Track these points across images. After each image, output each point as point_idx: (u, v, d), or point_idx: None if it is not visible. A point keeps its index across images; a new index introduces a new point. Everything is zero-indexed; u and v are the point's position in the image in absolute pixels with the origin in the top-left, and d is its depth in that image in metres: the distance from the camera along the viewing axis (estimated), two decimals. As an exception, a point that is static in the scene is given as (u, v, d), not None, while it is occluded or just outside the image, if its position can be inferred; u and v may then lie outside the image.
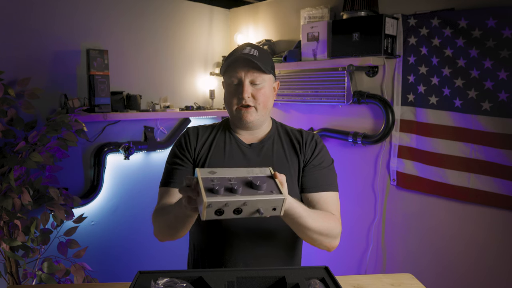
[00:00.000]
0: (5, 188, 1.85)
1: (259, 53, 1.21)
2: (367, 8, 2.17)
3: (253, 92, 1.20)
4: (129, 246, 2.73)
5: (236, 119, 1.23)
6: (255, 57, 1.18)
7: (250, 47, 1.22)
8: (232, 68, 1.20)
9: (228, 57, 1.23)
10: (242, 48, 1.22)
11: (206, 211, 0.81)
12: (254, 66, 1.18)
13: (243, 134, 1.28)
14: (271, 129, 1.30)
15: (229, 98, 1.23)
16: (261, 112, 1.22)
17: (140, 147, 2.69)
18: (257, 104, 1.20)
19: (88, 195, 2.49)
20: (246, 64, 1.18)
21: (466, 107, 1.95)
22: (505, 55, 1.80)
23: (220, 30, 3.18)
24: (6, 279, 2.03)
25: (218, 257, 1.22)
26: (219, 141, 1.27)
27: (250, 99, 1.19)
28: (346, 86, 2.34)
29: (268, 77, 1.22)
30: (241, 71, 1.19)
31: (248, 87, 1.19)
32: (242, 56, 1.18)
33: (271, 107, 1.26)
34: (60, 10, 2.33)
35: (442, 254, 2.13)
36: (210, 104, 3.08)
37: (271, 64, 1.25)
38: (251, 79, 1.19)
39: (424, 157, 2.13)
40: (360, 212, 2.46)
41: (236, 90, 1.21)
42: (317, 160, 1.24)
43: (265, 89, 1.21)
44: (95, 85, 2.34)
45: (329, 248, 1.17)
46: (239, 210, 0.84)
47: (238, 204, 0.83)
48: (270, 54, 1.33)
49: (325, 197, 1.21)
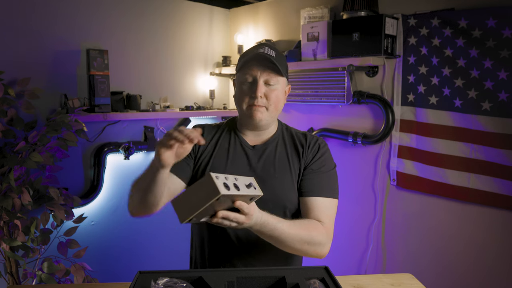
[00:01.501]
0: (5, 188, 1.85)
1: (276, 54, 1.19)
2: (367, 8, 2.17)
3: (266, 92, 1.18)
4: (129, 246, 2.73)
5: (245, 117, 1.22)
6: (273, 58, 1.16)
7: (268, 47, 1.20)
8: (248, 66, 1.18)
9: (244, 55, 1.21)
10: (260, 47, 1.20)
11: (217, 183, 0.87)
12: (270, 66, 1.17)
13: (248, 135, 1.27)
14: (276, 131, 1.29)
15: (241, 96, 1.21)
16: (271, 113, 1.21)
17: (140, 147, 2.69)
18: (268, 104, 1.19)
19: (88, 195, 2.49)
20: (262, 63, 1.17)
21: (466, 107, 1.95)
22: (505, 55, 1.80)
23: (220, 30, 3.18)
24: (6, 279, 2.03)
25: (218, 258, 1.22)
26: (223, 141, 1.26)
27: (262, 99, 1.18)
28: (346, 86, 2.34)
29: (282, 79, 1.21)
30: (257, 69, 1.17)
31: (262, 87, 1.18)
32: (260, 55, 1.17)
33: (281, 110, 1.25)
34: (60, 10, 2.33)
35: (442, 254, 2.13)
36: (210, 104, 3.08)
37: (286, 67, 1.24)
38: (266, 78, 1.18)
39: (424, 157, 2.13)
40: (360, 212, 2.46)
41: (250, 88, 1.19)
42: (316, 164, 1.22)
43: (278, 91, 1.20)
44: (95, 85, 2.34)
45: (318, 256, 1.15)
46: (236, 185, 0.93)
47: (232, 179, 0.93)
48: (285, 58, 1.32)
49: (319, 202, 1.18)
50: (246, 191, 0.94)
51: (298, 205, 1.22)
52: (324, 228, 1.15)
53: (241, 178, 0.97)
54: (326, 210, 1.18)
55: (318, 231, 1.12)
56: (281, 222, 1.05)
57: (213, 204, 0.88)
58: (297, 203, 1.22)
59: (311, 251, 1.12)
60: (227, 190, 0.87)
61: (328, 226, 1.16)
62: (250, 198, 0.96)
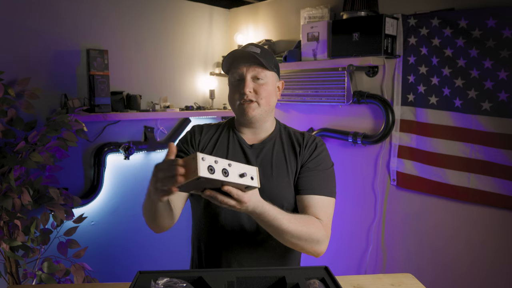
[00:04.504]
0: (5, 188, 1.85)
1: (261, 51, 1.21)
2: (367, 8, 2.17)
3: (255, 88, 1.20)
4: (129, 246, 2.73)
5: (239, 114, 1.24)
6: (257, 54, 1.18)
7: (252, 45, 1.23)
8: (235, 65, 1.21)
9: (229, 56, 1.23)
10: (245, 47, 1.23)
11: (200, 164, 0.86)
12: (256, 62, 1.19)
13: (246, 134, 1.28)
14: (274, 130, 1.30)
15: (232, 95, 1.24)
16: (264, 107, 1.22)
17: (140, 147, 2.69)
18: (259, 99, 1.20)
19: (88, 195, 2.49)
20: (247, 60, 1.19)
21: (466, 107, 1.95)
22: (505, 55, 1.80)
23: (220, 30, 3.18)
24: (6, 279, 2.03)
25: (218, 258, 1.22)
26: (223, 140, 1.28)
27: (252, 94, 1.19)
28: (346, 86, 2.34)
29: (270, 74, 1.22)
30: (243, 67, 1.20)
31: (250, 83, 1.19)
32: (244, 53, 1.19)
33: (274, 104, 1.27)
34: (60, 10, 2.33)
35: (442, 254, 2.13)
36: (210, 104, 3.08)
37: (274, 62, 1.25)
38: (253, 74, 1.19)
39: (424, 157, 2.13)
40: (360, 212, 2.46)
41: (238, 86, 1.21)
42: (313, 163, 1.23)
43: (267, 85, 1.21)
44: (95, 85, 2.34)
45: (314, 253, 1.15)
46: (226, 171, 0.91)
47: (224, 164, 0.91)
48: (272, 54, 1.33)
49: (316, 200, 1.18)
50: (237, 179, 0.92)
51: (295, 204, 1.22)
52: (323, 225, 1.15)
53: (237, 166, 0.94)
54: (324, 208, 1.18)
55: (317, 228, 1.12)
56: (282, 214, 1.05)
57: (197, 182, 0.88)
58: (294, 202, 1.22)
59: (308, 247, 1.12)
60: (209, 174, 0.87)
61: (326, 224, 1.17)
62: (246, 187, 0.95)
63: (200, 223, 1.26)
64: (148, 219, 1.16)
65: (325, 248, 1.16)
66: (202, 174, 0.86)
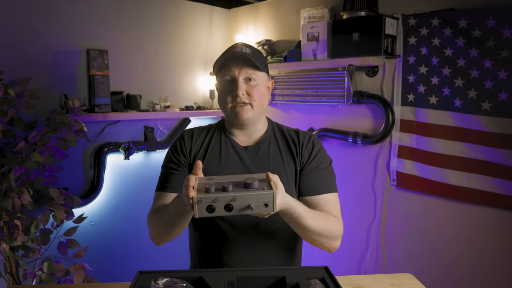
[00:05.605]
0: (5, 188, 1.85)
1: (251, 51, 1.19)
2: (367, 8, 2.17)
3: (247, 89, 1.17)
4: (129, 246, 2.73)
5: (232, 117, 1.21)
6: (248, 55, 1.16)
7: (242, 45, 1.21)
8: (225, 66, 1.18)
9: (220, 56, 1.21)
10: (234, 47, 1.20)
11: (198, 207, 0.84)
12: (248, 63, 1.16)
13: (238, 136, 1.25)
14: (266, 130, 1.28)
15: (223, 97, 1.21)
16: (257, 109, 1.20)
17: (140, 147, 2.69)
18: (252, 101, 1.18)
19: (88, 195, 2.49)
20: (239, 61, 1.17)
21: (466, 107, 1.95)
22: (505, 55, 1.80)
23: (220, 30, 3.18)
24: (6, 279, 2.03)
25: (218, 259, 1.22)
26: (215, 143, 1.25)
27: (245, 96, 1.17)
28: (346, 86, 2.34)
29: (262, 74, 1.21)
30: (235, 68, 1.17)
31: (242, 84, 1.17)
32: (236, 54, 1.17)
33: (266, 105, 1.25)
34: (60, 10, 2.33)
35: (442, 254, 2.13)
36: (210, 104, 3.08)
37: (264, 62, 1.23)
38: (246, 76, 1.17)
39: (424, 157, 2.13)
40: (360, 212, 2.46)
41: (230, 88, 1.18)
42: (314, 162, 1.22)
43: (260, 86, 1.19)
44: (95, 85, 2.34)
45: (330, 249, 1.17)
46: (230, 206, 0.86)
47: (227, 200, 0.85)
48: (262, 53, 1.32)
49: (326, 199, 1.19)
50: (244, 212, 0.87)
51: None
52: (340, 222, 1.18)
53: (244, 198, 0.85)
54: (334, 204, 1.20)
55: (336, 225, 1.16)
56: (307, 212, 1.06)
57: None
58: None
59: (326, 243, 1.15)
60: (209, 213, 0.85)
61: (341, 220, 1.20)
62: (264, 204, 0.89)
63: (198, 223, 1.26)
64: (160, 230, 1.17)
65: (339, 244, 1.19)
66: (201, 215, 0.85)
